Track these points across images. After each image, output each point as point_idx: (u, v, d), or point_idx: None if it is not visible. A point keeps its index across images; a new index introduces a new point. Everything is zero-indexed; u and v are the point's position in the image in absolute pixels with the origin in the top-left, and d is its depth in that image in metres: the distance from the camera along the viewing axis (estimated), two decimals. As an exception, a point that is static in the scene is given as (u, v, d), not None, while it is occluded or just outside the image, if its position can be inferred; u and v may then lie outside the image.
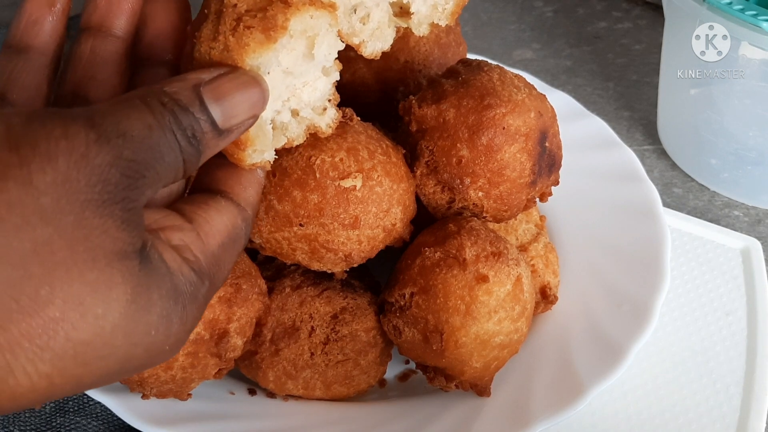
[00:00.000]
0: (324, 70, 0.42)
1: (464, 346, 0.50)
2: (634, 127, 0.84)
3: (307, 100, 0.42)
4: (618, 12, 1.03)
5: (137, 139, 0.30)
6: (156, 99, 0.32)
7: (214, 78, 0.35)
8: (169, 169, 0.32)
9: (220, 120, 0.34)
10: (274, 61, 0.37)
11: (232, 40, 0.36)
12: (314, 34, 0.39)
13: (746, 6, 0.64)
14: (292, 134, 0.42)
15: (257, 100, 0.36)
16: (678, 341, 0.62)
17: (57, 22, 0.41)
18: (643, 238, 0.63)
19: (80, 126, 0.29)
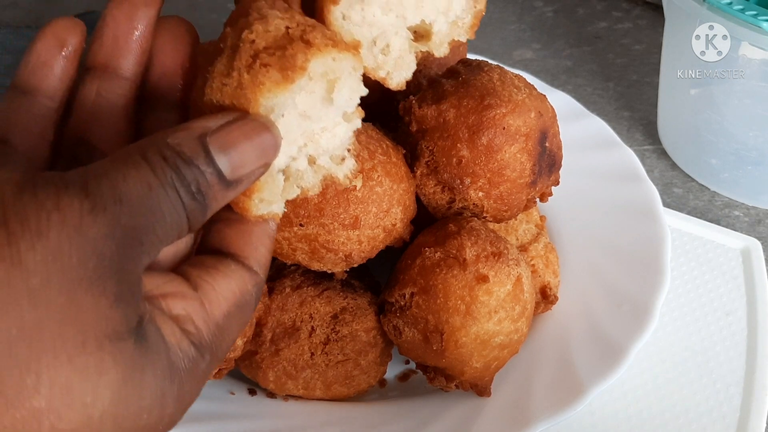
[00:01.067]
0: (345, 115, 0.39)
1: (464, 346, 0.50)
2: (635, 127, 0.84)
3: (326, 146, 0.39)
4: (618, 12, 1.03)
5: (135, 202, 0.29)
6: (157, 153, 0.30)
7: (222, 126, 0.32)
8: (171, 229, 0.30)
9: (228, 171, 0.32)
10: (289, 103, 0.35)
11: (247, 77, 0.34)
12: (335, 78, 0.36)
13: (746, 6, 0.64)
14: (307, 184, 0.39)
15: (268, 147, 0.33)
16: (678, 341, 0.62)
17: (68, 64, 0.38)
18: (643, 238, 0.63)
19: (74, 195, 0.27)
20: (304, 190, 0.39)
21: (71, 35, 0.38)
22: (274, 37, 0.35)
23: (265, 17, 0.35)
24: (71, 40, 0.37)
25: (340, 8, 0.38)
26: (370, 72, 0.41)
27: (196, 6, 1.04)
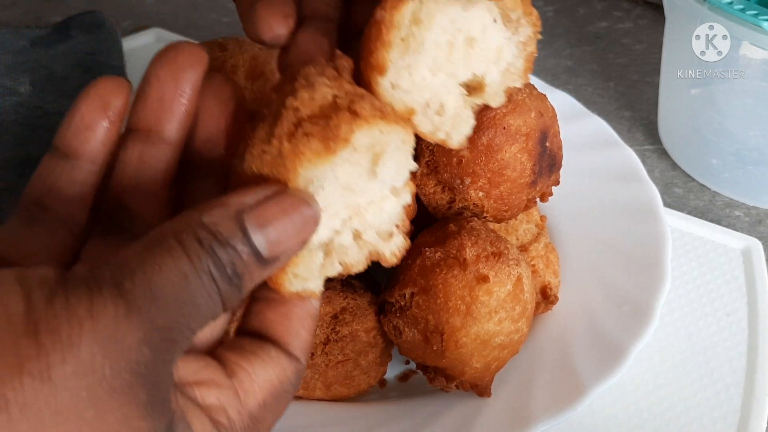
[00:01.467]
0: (393, 190, 0.37)
1: (464, 347, 0.50)
2: (635, 127, 0.84)
3: (372, 221, 0.37)
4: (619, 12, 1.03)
5: (171, 299, 0.28)
6: (192, 236, 0.29)
7: (260, 201, 0.31)
8: (205, 318, 0.29)
9: (265, 249, 0.30)
10: (330, 175, 0.33)
11: (287, 146, 0.32)
12: (381, 151, 0.34)
13: (747, 6, 0.64)
14: (351, 260, 0.37)
15: (307, 223, 0.32)
16: (678, 341, 0.62)
17: (111, 127, 0.36)
18: (643, 239, 0.63)
19: (108, 298, 0.26)
20: (347, 266, 0.37)
21: (116, 97, 0.36)
22: (320, 105, 0.33)
23: (311, 85, 0.33)
24: (116, 102, 0.36)
25: (388, 78, 0.36)
26: (428, 136, 0.39)
27: (196, 5, 1.04)
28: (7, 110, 0.83)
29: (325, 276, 0.36)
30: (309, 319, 0.36)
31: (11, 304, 0.26)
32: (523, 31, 0.37)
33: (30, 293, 0.26)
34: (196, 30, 0.97)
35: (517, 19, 0.36)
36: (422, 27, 0.35)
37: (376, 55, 0.35)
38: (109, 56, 0.89)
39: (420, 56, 0.36)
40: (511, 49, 0.37)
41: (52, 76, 0.86)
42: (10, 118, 0.82)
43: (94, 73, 0.87)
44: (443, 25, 0.36)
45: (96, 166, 0.36)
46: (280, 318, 0.36)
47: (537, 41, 0.38)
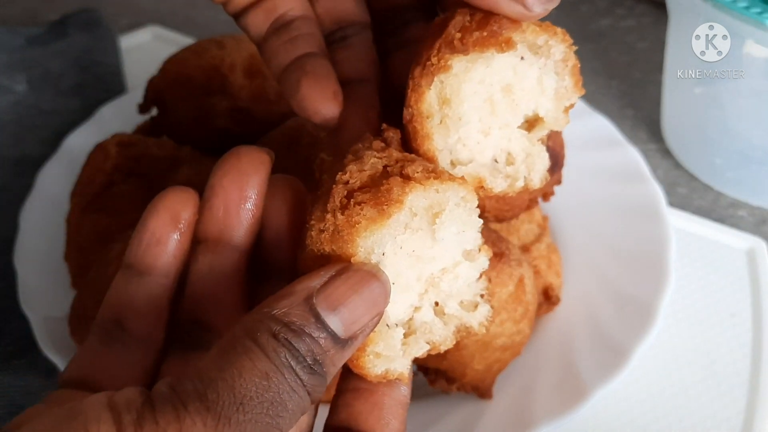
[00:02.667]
0: (465, 254, 0.36)
1: (466, 348, 0.50)
2: (638, 126, 0.84)
3: (449, 291, 0.36)
4: (621, 10, 1.02)
5: (257, 402, 0.28)
6: (266, 332, 0.29)
7: (326, 283, 0.31)
8: (294, 416, 0.29)
9: (341, 330, 0.30)
10: (389, 240, 0.32)
11: (342, 218, 0.32)
12: (440, 211, 0.33)
13: (750, 4, 0.63)
14: (438, 337, 0.35)
15: (378, 296, 0.31)
16: (682, 342, 0.62)
17: (182, 239, 0.36)
18: (647, 239, 0.62)
19: (195, 414, 0.27)
20: (435, 345, 0.35)
21: (184, 209, 0.36)
22: (370, 175, 0.33)
23: (360, 158, 0.33)
24: (185, 215, 0.36)
25: (443, 162, 0.36)
26: (509, 191, 0.38)
27: (194, 3, 1.03)
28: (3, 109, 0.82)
29: (411, 357, 0.35)
30: (399, 408, 0.35)
31: (104, 430, 0.26)
32: (556, 51, 0.36)
33: (120, 419, 0.27)
34: (193, 28, 0.97)
35: (545, 44, 0.36)
36: (453, 104, 0.35)
37: (423, 150, 0.35)
38: (106, 54, 0.88)
39: (465, 127, 0.36)
40: (550, 74, 0.36)
41: (48, 75, 0.86)
42: (6, 116, 0.82)
43: (90, 71, 0.86)
44: (473, 90, 0.35)
45: (169, 279, 0.36)
46: (369, 408, 0.35)
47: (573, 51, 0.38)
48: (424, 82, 0.34)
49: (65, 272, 0.59)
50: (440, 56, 0.34)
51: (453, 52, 0.34)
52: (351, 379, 0.34)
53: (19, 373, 0.58)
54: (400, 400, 0.35)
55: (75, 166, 0.61)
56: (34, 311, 0.58)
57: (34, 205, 0.66)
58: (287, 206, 0.37)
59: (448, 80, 0.34)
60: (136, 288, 0.36)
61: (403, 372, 0.34)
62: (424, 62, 0.34)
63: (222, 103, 0.59)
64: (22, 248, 0.63)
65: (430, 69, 0.34)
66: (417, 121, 0.35)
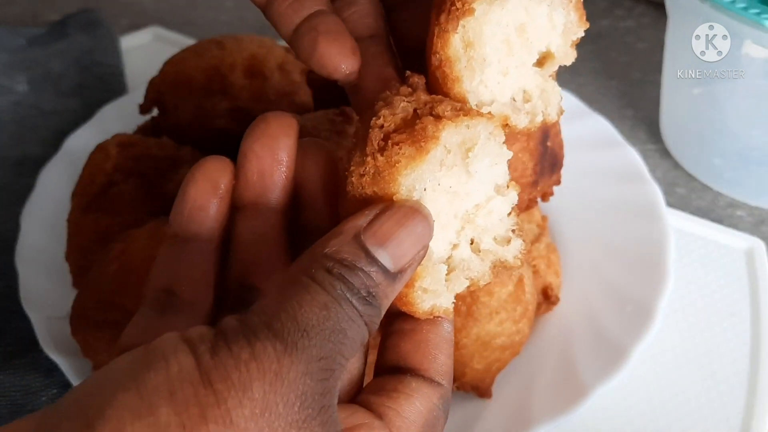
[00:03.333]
0: (497, 189, 0.37)
1: (465, 348, 0.50)
2: (637, 127, 0.84)
3: (485, 226, 0.37)
4: (621, 10, 1.02)
5: (319, 330, 0.29)
6: (321, 269, 0.30)
7: (372, 220, 0.32)
8: (354, 343, 0.31)
9: (391, 264, 0.32)
10: (429, 176, 0.34)
11: (381, 159, 0.33)
12: (472, 145, 0.35)
13: (749, 4, 0.63)
14: (476, 273, 0.37)
15: (423, 229, 0.33)
16: (681, 342, 0.62)
17: (222, 204, 0.37)
18: (646, 239, 0.63)
19: (266, 340, 0.28)
20: (474, 281, 0.37)
21: (222, 175, 0.37)
22: (403, 118, 0.34)
23: (391, 103, 0.35)
24: (222, 180, 0.37)
25: (472, 103, 0.37)
26: (530, 128, 0.39)
27: (194, 4, 1.03)
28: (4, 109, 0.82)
29: (454, 292, 0.36)
30: (444, 343, 0.36)
31: (183, 360, 0.28)
32: None
33: (196, 349, 0.28)
34: (194, 28, 0.97)
35: None
36: (477, 45, 0.36)
37: (454, 94, 0.37)
38: (107, 55, 0.88)
39: (488, 68, 0.37)
40: (559, 10, 0.38)
41: (49, 75, 0.86)
42: (7, 117, 0.82)
43: (91, 72, 0.87)
44: (493, 31, 0.37)
45: (213, 244, 0.37)
46: (416, 346, 0.36)
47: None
48: (450, 27, 0.36)
49: (66, 272, 0.59)
50: (463, 1, 0.35)
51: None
52: (396, 322, 0.36)
53: (19, 373, 0.58)
54: (444, 337, 0.36)
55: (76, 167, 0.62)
56: (35, 311, 0.58)
57: (35, 205, 0.66)
58: (320, 168, 0.38)
59: (470, 24, 0.36)
60: (184, 255, 0.37)
61: (448, 308, 0.36)
62: (449, 8, 0.36)
63: (222, 104, 0.60)
64: (23, 248, 0.63)
65: (455, 14, 0.35)
66: (446, 65, 0.36)
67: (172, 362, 0.28)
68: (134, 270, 0.48)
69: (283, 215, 0.38)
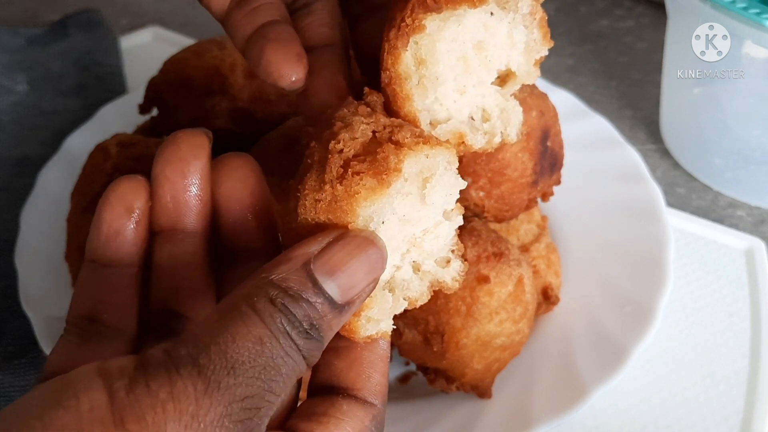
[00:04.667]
0: (445, 213, 0.36)
1: (465, 348, 0.50)
2: (637, 127, 0.84)
3: (430, 249, 0.36)
4: (620, 10, 1.02)
5: (249, 366, 0.28)
6: (263, 297, 0.29)
7: (325, 248, 0.31)
8: (288, 380, 0.29)
9: (338, 295, 0.30)
10: (388, 208, 0.33)
11: (340, 188, 0.32)
12: (430, 175, 0.34)
13: (749, 4, 0.63)
14: (415, 293, 0.36)
15: (376, 261, 0.32)
16: (681, 342, 0.62)
17: (139, 228, 0.36)
18: (645, 239, 0.63)
19: (187, 378, 0.27)
20: (412, 300, 0.36)
21: (136, 198, 0.36)
22: (362, 143, 0.33)
23: (350, 124, 0.34)
24: (138, 203, 0.36)
25: (424, 122, 0.36)
26: (487, 148, 0.38)
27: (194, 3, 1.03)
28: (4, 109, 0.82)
29: (393, 314, 0.35)
30: (380, 362, 0.35)
31: (95, 397, 0.26)
32: (524, 4, 0.36)
33: (111, 384, 0.27)
34: (193, 28, 0.97)
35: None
36: (430, 63, 0.35)
37: (405, 113, 0.36)
38: (106, 55, 0.88)
39: (442, 86, 0.36)
40: (520, 28, 0.37)
41: (49, 75, 0.86)
42: (7, 117, 0.82)
43: (91, 72, 0.87)
44: (447, 48, 0.36)
45: (134, 269, 0.36)
46: (350, 364, 0.35)
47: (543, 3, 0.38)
48: (400, 44, 0.35)
49: (66, 272, 0.59)
50: (414, 16, 0.34)
51: (426, 11, 0.34)
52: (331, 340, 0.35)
53: (19, 373, 0.58)
54: (380, 354, 0.35)
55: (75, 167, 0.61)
56: (35, 311, 0.58)
57: (35, 205, 0.66)
58: (246, 186, 0.37)
59: (422, 40, 0.35)
60: (104, 281, 0.35)
61: (387, 331, 0.35)
62: (399, 24, 0.34)
63: (222, 104, 0.60)
64: (22, 248, 0.63)
65: (404, 30, 0.34)
66: (396, 83, 0.35)
67: (84, 399, 0.26)
68: (134, 270, 0.48)
69: (203, 238, 0.37)
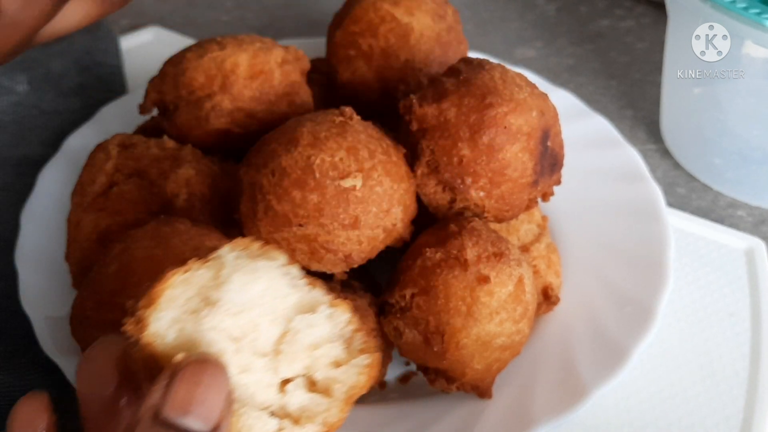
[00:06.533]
0: (299, 307, 0.34)
1: (465, 348, 0.50)
2: (637, 126, 0.84)
3: (314, 350, 0.34)
4: (621, 10, 1.02)
5: None
6: None
7: (165, 392, 0.30)
8: None
9: (204, 425, 0.30)
10: (194, 330, 0.32)
11: None
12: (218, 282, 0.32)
13: (750, 4, 0.63)
14: (321, 409, 0.34)
15: (216, 376, 0.31)
16: (681, 342, 0.62)
17: None
18: (646, 239, 0.63)
19: None
20: (328, 421, 0.34)
21: (39, 419, 0.35)
22: None
23: None
24: (40, 425, 0.34)
25: None
26: None
27: (195, 4, 1.03)
28: (4, 109, 0.82)
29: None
30: None
31: None
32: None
33: None
34: (194, 28, 0.97)
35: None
36: None
37: None
38: (107, 55, 0.88)
39: None
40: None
41: (49, 75, 0.86)
42: (7, 117, 0.82)
43: (91, 72, 0.87)
44: None
45: None
46: None
47: None
48: None
49: (66, 272, 0.59)
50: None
51: None
52: None
53: (19, 373, 0.58)
54: None
55: (76, 167, 0.62)
56: (35, 311, 0.58)
57: (35, 206, 0.66)
58: None
59: None
60: None
61: None
62: None
63: (223, 104, 0.60)
64: (23, 248, 0.63)
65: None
66: None
67: None
68: (134, 270, 0.48)
69: None
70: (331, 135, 0.51)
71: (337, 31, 0.65)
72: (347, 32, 0.64)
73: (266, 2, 1.03)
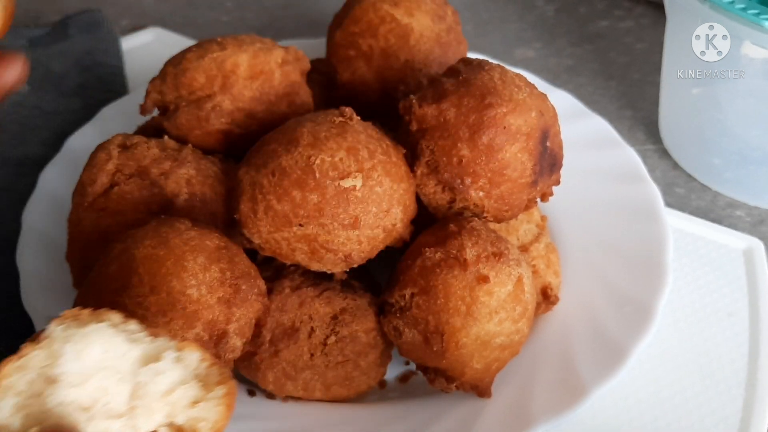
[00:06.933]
0: (143, 359, 0.34)
1: (465, 347, 0.50)
2: (636, 127, 0.84)
3: (170, 396, 0.34)
4: (620, 11, 1.02)
5: None
6: None
7: None
8: None
9: None
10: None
11: None
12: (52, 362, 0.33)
13: (748, 5, 0.63)
14: None
15: None
16: (680, 342, 0.62)
17: None
18: (645, 239, 0.63)
19: None
20: None
21: None
22: None
23: None
24: None
25: None
26: None
27: (195, 4, 1.03)
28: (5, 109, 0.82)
29: None
30: None
31: None
32: None
33: None
34: (194, 29, 0.97)
35: None
36: None
37: None
38: (107, 55, 0.88)
39: None
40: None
41: (50, 76, 0.86)
42: (8, 117, 0.82)
43: (92, 72, 0.87)
44: None
45: None
46: None
47: None
48: None
49: (67, 272, 0.59)
50: None
51: None
52: None
53: (20, 372, 0.58)
54: None
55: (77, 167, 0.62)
56: (37, 311, 0.58)
57: (37, 206, 0.67)
58: None
59: None
60: None
61: None
62: None
63: (223, 104, 0.60)
64: (24, 248, 0.63)
65: None
66: None
67: None
68: (134, 270, 0.48)
69: None
70: (331, 135, 0.51)
71: (337, 32, 0.65)
72: (347, 32, 0.64)
73: (266, 2, 1.03)
